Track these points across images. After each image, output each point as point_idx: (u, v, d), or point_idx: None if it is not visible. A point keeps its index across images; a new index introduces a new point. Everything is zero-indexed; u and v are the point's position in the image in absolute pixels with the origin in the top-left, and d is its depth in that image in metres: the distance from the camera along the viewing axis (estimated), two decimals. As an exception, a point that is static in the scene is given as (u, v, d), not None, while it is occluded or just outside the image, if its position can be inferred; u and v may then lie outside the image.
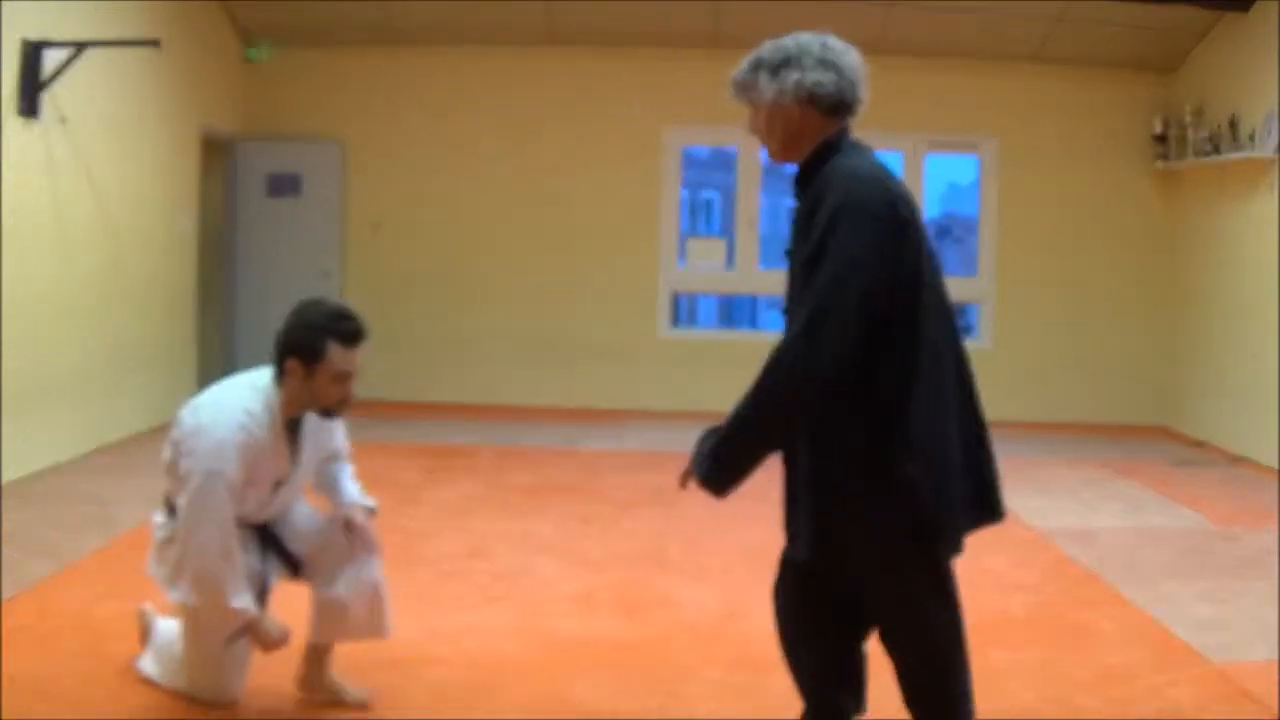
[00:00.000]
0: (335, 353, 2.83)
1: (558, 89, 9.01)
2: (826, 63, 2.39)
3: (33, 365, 5.94)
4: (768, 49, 2.44)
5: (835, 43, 2.44)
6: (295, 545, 3.17)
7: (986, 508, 2.42)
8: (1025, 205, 9.02)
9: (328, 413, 2.96)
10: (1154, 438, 8.48)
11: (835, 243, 2.20)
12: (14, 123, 5.73)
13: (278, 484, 3.02)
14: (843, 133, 2.43)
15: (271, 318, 2.94)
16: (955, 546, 2.36)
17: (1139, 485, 6.65)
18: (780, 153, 2.47)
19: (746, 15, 8.45)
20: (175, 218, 7.81)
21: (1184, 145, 8.37)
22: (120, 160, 6.91)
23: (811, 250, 2.23)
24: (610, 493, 6.12)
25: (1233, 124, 7.76)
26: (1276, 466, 7.03)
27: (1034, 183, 9.00)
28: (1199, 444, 8.15)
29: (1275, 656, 3.74)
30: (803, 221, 2.34)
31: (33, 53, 5.79)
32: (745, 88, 2.47)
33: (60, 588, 4.16)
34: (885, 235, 2.23)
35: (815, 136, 2.41)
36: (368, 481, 3.36)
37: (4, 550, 4.46)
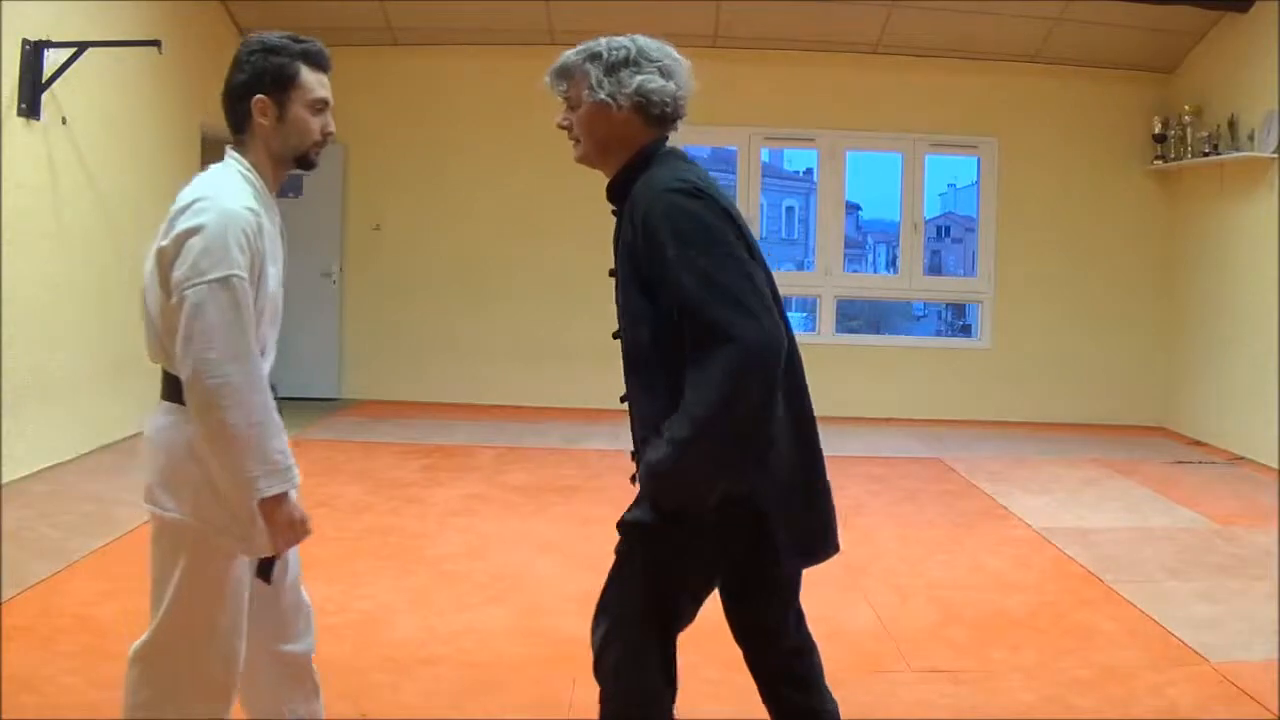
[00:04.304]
0: (307, 75, 2.36)
1: (558, 89, 9.00)
2: (666, 70, 2.26)
3: (33, 365, 5.95)
4: (604, 44, 2.29)
5: (674, 51, 2.30)
6: None
7: None
8: (1025, 205, 9.03)
9: (306, 160, 2.45)
10: (1154, 438, 8.48)
11: (688, 247, 2.06)
12: (14, 123, 5.73)
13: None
14: (660, 142, 2.30)
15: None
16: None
17: (1138, 485, 6.65)
18: (594, 157, 2.32)
19: (746, 15, 8.46)
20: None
21: (1183, 145, 8.38)
22: (120, 160, 6.90)
23: (670, 270, 2.08)
24: (610, 493, 6.11)
25: (1232, 124, 7.77)
26: (1276, 466, 7.03)
27: (1034, 182, 9.01)
28: (1199, 444, 8.15)
29: (1274, 656, 3.74)
30: (633, 244, 2.19)
31: (33, 53, 5.79)
32: (570, 76, 2.29)
33: (60, 588, 4.16)
34: (725, 222, 2.13)
35: (634, 145, 2.27)
36: (368, 481, 3.34)
37: (4, 550, 4.46)
